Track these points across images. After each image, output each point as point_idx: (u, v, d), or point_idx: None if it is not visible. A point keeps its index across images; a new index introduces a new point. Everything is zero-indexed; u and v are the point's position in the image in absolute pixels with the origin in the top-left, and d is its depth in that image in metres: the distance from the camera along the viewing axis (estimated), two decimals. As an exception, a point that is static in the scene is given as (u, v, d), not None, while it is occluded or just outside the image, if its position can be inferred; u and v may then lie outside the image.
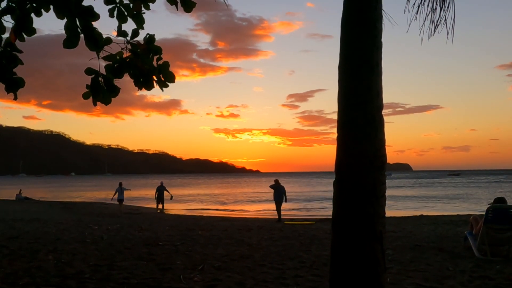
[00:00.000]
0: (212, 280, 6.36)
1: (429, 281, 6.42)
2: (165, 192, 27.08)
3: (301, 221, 19.75)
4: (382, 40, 3.73)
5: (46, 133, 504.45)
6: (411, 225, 16.44)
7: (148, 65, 4.83)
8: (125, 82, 5.07)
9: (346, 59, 3.70)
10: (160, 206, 27.04)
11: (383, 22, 3.78)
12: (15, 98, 4.68)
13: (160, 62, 4.89)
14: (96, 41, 4.41)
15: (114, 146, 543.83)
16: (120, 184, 26.20)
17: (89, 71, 4.66)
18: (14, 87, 4.61)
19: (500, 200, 8.98)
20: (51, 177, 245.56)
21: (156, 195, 27.05)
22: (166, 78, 4.92)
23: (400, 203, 36.71)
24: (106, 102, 4.84)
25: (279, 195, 20.93)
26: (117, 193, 25.70)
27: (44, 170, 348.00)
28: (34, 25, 4.41)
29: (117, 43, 4.74)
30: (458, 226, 15.47)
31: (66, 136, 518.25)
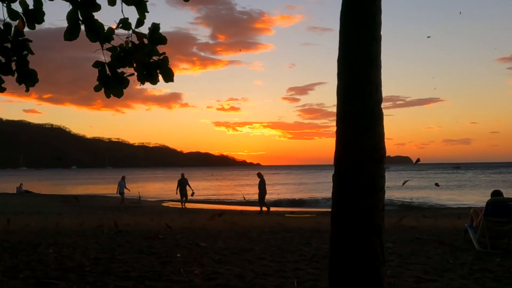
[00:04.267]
0: (212, 273, 6.37)
1: (429, 274, 6.42)
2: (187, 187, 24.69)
3: (301, 214, 19.83)
4: (382, 33, 3.71)
5: (47, 126, 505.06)
6: (411, 217, 16.47)
7: (149, 57, 4.75)
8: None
9: (345, 52, 3.68)
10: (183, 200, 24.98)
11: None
12: (27, 90, 4.66)
13: (161, 57, 4.81)
14: (98, 33, 4.36)
15: (114, 140, 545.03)
16: (123, 177, 26.15)
17: (96, 64, 4.63)
18: (29, 79, 4.61)
19: (496, 193, 8.99)
20: (52, 170, 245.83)
21: (178, 189, 24.81)
22: (165, 75, 4.83)
23: (402, 195, 36.76)
24: (118, 94, 4.80)
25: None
26: (120, 187, 25.63)
27: (45, 164, 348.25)
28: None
29: (118, 35, 4.67)
30: (458, 219, 15.50)
31: (67, 130, 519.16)
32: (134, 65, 4.83)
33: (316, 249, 8.56)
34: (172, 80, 4.87)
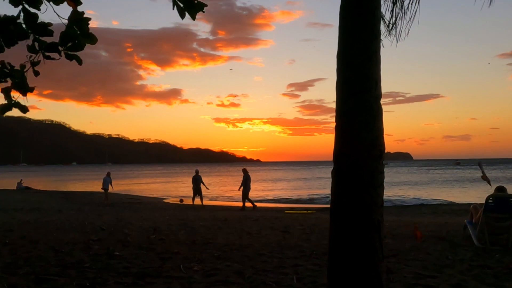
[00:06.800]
0: (212, 269, 6.38)
1: (428, 270, 6.43)
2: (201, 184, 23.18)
3: (301, 210, 19.85)
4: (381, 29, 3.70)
5: (47, 122, 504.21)
6: (411, 214, 16.49)
7: None
8: (126, 72, 5.17)
9: (344, 48, 3.66)
10: (197, 199, 23.38)
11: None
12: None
13: None
14: None
15: (114, 136, 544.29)
16: (108, 174, 25.87)
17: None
18: None
19: (500, 189, 8.97)
20: (52, 167, 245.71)
21: (193, 187, 23.33)
22: None
23: (401, 192, 36.78)
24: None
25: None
26: (105, 183, 25.23)
27: (45, 160, 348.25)
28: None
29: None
30: (458, 215, 15.52)
31: (67, 126, 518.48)
32: None
33: (315, 245, 8.57)
34: None
